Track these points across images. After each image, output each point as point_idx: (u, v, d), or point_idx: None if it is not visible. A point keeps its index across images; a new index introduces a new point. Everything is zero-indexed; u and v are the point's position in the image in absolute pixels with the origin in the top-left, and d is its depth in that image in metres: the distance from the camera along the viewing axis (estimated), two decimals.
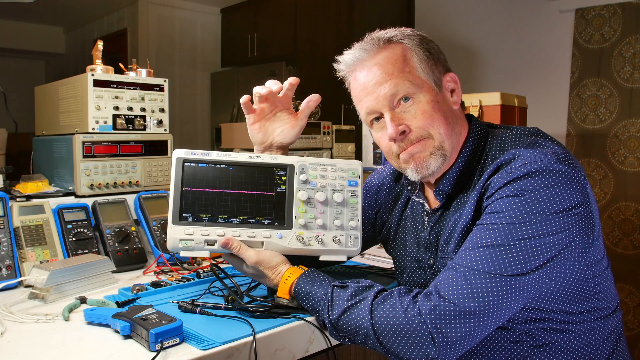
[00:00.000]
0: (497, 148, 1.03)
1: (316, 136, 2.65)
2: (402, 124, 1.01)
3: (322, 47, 4.19)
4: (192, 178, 1.08)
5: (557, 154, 0.93)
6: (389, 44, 1.04)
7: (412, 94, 1.01)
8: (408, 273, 1.16)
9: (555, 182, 0.89)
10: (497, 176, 0.94)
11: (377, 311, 0.91)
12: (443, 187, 1.05)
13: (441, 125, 1.01)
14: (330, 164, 1.14)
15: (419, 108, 1.01)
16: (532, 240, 0.87)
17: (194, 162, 1.09)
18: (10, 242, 1.32)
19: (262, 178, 1.11)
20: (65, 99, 1.75)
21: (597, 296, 0.98)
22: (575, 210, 0.89)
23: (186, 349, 0.91)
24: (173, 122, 1.86)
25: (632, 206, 3.07)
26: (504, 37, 3.68)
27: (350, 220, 1.14)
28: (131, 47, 4.85)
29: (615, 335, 1.01)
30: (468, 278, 0.87)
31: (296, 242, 1.11)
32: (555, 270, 0.90)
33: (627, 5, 3.06)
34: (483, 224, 0.92)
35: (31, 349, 0.92)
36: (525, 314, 0.95)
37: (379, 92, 1.02)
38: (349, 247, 1.14)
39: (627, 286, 3.09)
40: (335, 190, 1.13)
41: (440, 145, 1.02)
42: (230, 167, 1.10)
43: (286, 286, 1.05)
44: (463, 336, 0.85)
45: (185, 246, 1.07)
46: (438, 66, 1.04)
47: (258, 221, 1.10)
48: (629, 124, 3.07)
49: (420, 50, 1.03)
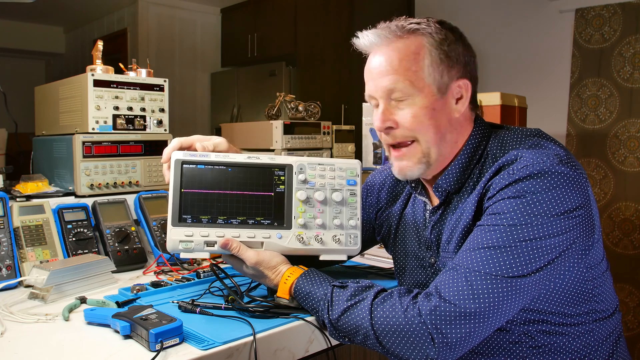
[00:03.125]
0: (498, 148, 1.03)
1: (316, 136, 2.65)
2: (390, 120, 1.01)
3: (322, 47, 4.19)
4: (191, 180, 1.08)
5: (559, 155, 0.92)
6: (409, 35, 1.00)
7: (409, 95, 0.99)
8: (409, 272, 1.16)
9: (557, 184, 0.88)
10: (499, 177, 0.93)
11: (376, 311, 0.91)
12: (442, 183, 1.05)
13: (429, 133, 1.00)
14: (329, 163, 1.14)
15: (412, 111, 1.00)
16: (533, 242, 0.87)
17: (192, 164, 1.09)
18: (10, 242, 1.32)
19: (261, 179, 1.11)
20: (65, 99, 1.75)
21: (595, 298, 0.98)
22: (576, 212, 0.89)
23: (186, 349, 0.91)
24: (173, 122, 1.86)
25: (632, 206, 3.07)
26: (504, 37, 3.68)
27: (349, 220, 1.14)
28: (131, 47, 4.85)
29: (614, 336, 1.01)
30: (469, 279, 0.87)
31: (296, 242, 1.11)
32: (556, 272, 0.90)
33: (627, 5, 3.06)
34: (484, 225, 0.92)
35: (31, 349, 0.92)
36: (524, 315, 0.95)
37: (379, 82, 1.02)
38: (349, 247, 1.14)
39: (627, 286, 3.09)
40: (334, 190, 1.13)
41: (427, 152, 1.02)
42: (228, 168, 1.10)
43: (286, 286, 1.05)
44: (463, 337, 0.85)
45: (185, 248, 1.07)
46: (451, 70, 1.01)
47: (257, 222, 1.10)
48: (629, 124, 3.07)
49: (437, 51, 1.00)
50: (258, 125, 2.65)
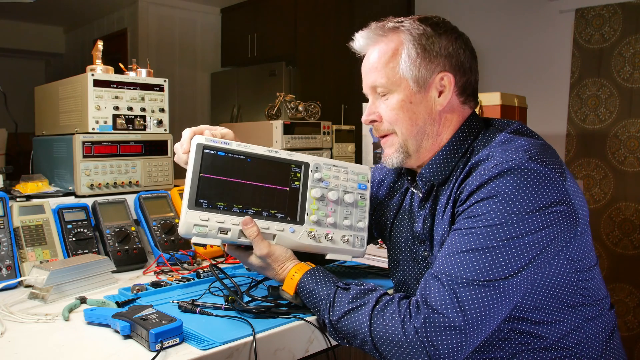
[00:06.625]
0: (482, 144, 1.04)
1: (316, 136, 2.65)
2: (374, 113, 1.09)
3: (322, 47, 4.19)
4: (211, 165, 1.08)
5: (528, 152, 0.92)
6: (391, 32, 1.06)
7: (386, 91, 1.06)
8: (402, 265, 1.17)
9: (527, 180, 0.88)
10: (471, 178, 0.94)
11: (376, 319, 0.92)
12: (425, 172, 1.08)
13: (404, 125, 1.05)
14: (343, 166, 1.18)
15: (389, 105, 1.06)
16: (512, 241, 0.87)
17: (213, 150, 1.09)
18: (10, 242, 1.32)
19: (278, 173, 1.13)
20: (65, 99, 1.75)
21: (582, 292, 0.98)
22: (553, 209, 0.89)
23: (186, 349, 0.91)
24: (173, 122, 1.86)
25: (632, 206, 3.07)
26: (504, 37, 3.68)
27: (359, 221, 1.17)
28: (131, 47, 4.85)
29: (606, 333, 1.01)
30: (454, 289, 0.87)
31: (307, 238, 1.12)
32: (538, 269, 0.91)
33: (627, 5, 3.06)
34: (461, 228, 0.92)
35: (31, 349, 0.92)
36: (511, 312, 0.95)
37: (365, 79, 1.10)
38: (356, 248, 1.16)
39: (627, 286, 3.09)
40: (346, 192, 1.16)
41: (404, 142, 1.07)
42: (248, 159, 1.11)
43: (292, 282, 1.05)
44: (453, 349, 0.85)
45: (199, 232, 1.06)
46: (431, 64, 1.02)
47: (271, 214, 1.11)
48: (629, 124, 3.07)
49: (415, 45, 1.02)
50: (258, 125, 2.66)
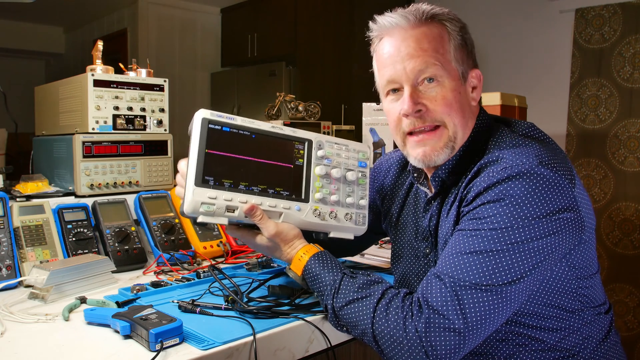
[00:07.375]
0: (493, 145, 1.01)
1: None
2: (420, 103, 0.99)
3: (322, 47, 4.19)
4: (217, 141, 1.03)
5: (539, 156, 0.91)
6: (431, 21, 1.00)
7: (439, 76, 0.98)
8: (403, 260, 1.17)
9: (536, 185, 0.87)
10: (479, 179, 0.93)
11: (379, 312, 0.91)
12: (440, 173, 1.04)
13: (457, 116, 0.99)
14: (344, 143, 1.17)
15: (441, 92, 0.98)
16: (517, 246, 0.86)
17: (218, 125, 1.04)
18: (10, 242, 1.32)
19: (282, 150, 1.11)
20: (65, 99, 1.75)
21: (582, 299, 0.97)
22: (560, 215, 0.88)
23: (186, 349, 0.91)
24: (173, 122, 1.86)
25: (632, 206, 3.07)
26: (504, 37, 3.69)
27: (360, 199, 1.17)
28: (131, 47, 4.86)
29: (602, 334, 1.01)
30: (457, 292, 0.86)
31: (312, 216, 1.11)
32: (541, 275, 0.90)
33: (627, 5, 3.06)
34: (465, 229, 0.91)
35: (31, 349, 0.92)
36: (510, 315, 0.95)
37: (406, 65, 0.99)
38: (359, 226, 1.17)
39: (627, 286, 3.09)
40: (348, 169, 1.16)
41: (454, 136, 1.00)
42: (252, 135, 1.08)
43: (301, 263, 1.04)
44: (451, 350, 0.85)
45: (207, 210, 1.02)
46: (469, 59, 1.03)
47: (277, 192, 1.09)
48: (629, 124, 3.07)
49: (459, 37, 1.01)
50: None
